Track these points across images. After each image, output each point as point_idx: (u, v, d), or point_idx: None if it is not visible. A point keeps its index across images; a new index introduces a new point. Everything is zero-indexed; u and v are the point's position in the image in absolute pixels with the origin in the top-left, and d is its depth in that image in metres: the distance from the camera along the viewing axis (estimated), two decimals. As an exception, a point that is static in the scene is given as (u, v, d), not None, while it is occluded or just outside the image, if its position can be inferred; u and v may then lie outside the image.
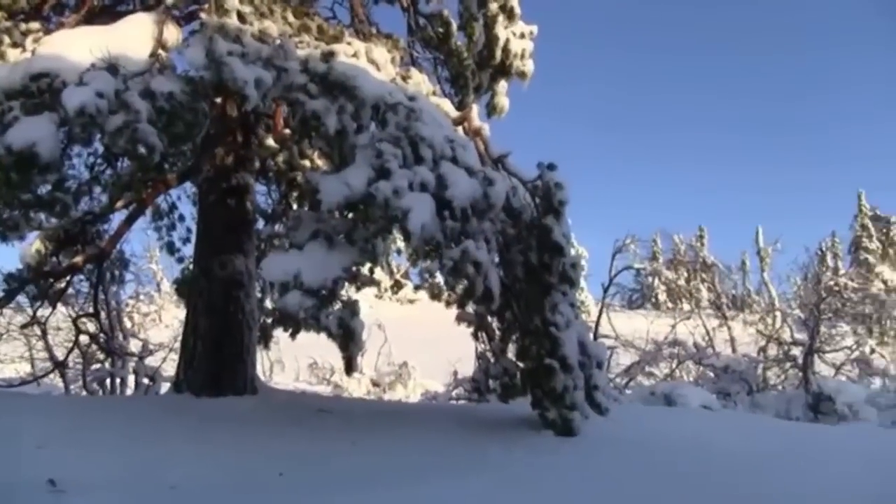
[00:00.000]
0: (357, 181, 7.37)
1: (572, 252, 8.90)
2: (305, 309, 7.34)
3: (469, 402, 14.38)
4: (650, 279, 40.93)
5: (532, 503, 6.44)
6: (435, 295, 9.62)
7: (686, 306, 27.61)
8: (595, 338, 20.42)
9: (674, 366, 21.71)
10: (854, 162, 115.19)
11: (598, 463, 7.72)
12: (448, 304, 9.37)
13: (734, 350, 22.99)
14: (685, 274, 31.39)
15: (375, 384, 24.42)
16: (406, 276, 41.89)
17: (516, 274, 8.81)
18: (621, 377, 21.25)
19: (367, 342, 22.51)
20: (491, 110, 12.39)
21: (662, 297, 47.48)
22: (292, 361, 27.23)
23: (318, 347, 9.06)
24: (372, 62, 8.88)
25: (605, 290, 22.99)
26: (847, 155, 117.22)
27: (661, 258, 40.57)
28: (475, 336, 9.34)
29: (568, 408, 8.43)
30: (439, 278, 8.63)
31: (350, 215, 7.88)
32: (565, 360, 8.31)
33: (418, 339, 28.33)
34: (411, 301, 40.70)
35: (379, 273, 11.95)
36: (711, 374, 20.52)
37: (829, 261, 54.72)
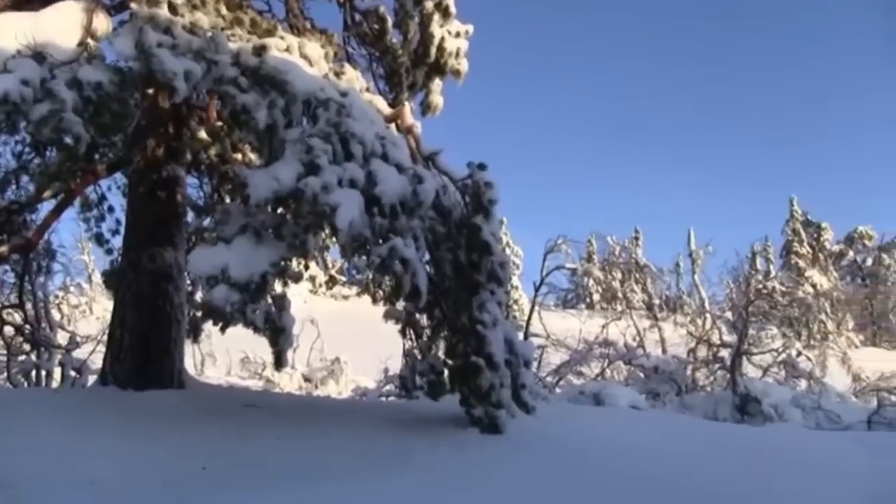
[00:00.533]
0: (286, 176, 7.37)
1: (502, 251, 8.98)
2: (232, 303, 7.31)
3: (399, 398, 14.40)
4: (585, 280, 41.30)
5: (455, 500, 6.50)
6: (363, 291, 9.60)
7: (619, 307, 27.89)
8: (525, 337, 20.51)
9: (604, 366, 21.90)
10: (788, 167, 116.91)
11: (523, 460, 7.78)
12: (375, 300, 9.40)
13: (664, 351, 23.25)
14: (619, 275, 31.74)
15: (307, 379, 24.27)
16: (341, 271, 41.72)
17: (445, 272, 8.87)
18: (551, 376, 21.37)
19: (299, 337, 22.42)
20: (425, 108, 12.42)
21: (597, 297, 48.00)
22: (224, 355, 27.01)
23: (250, 341, 9.05)
24: (305, 57, 8.86)
25: (537, 290, 23.19)
26: (781, 160, 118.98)
27: (596, 259, 40.91)
28: (403, 333, 9.37)
29: (494, 406, 8.50)
30: (369, 275, 8.65)
31: (279, 210, 7.87)
32: (491, 358, 8.37)
33: (353, 335, 28.21)
34: (346, 297, 40.51)
35: (314, 268, 11.90)
36: (641, 375, 20.75)
37: (760, 264, 55.75)
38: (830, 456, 10.70)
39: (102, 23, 8.21)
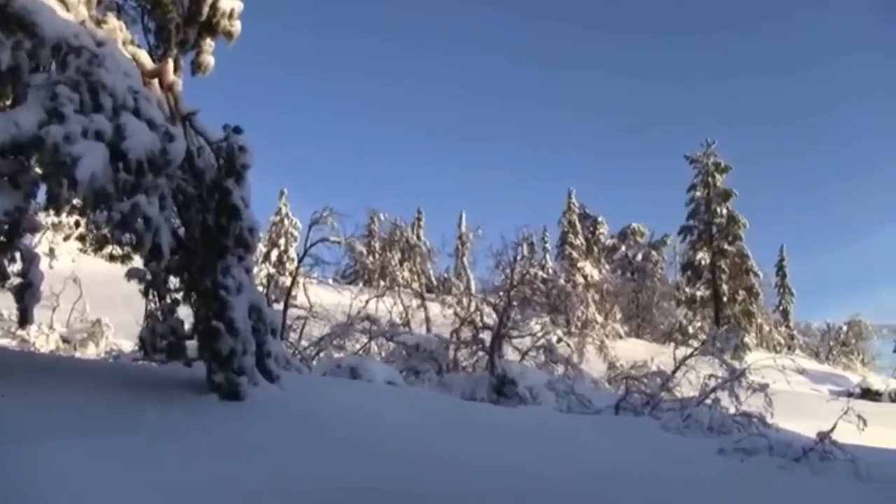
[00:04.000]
0: (27, 122, 7.05)
1: (252, 217, 8.89)
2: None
3: (154, 362, 14.08)
4: (366, 256, 41.51)
5: (176, 461, 6.44)
6: (99, 248, 9.27)
7: (387, 284, 28.18)
8: (286, 307, 20.47)
9: (365, 341, 22.07)
10: (571, 159, 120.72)
11: (256, 428, 7.79)
12: (113, 258, 9.14)
13: (429, 330, 23.72)
14: (398, 254, 32.09)
15: (66, 341, 23.30)
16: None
17: (194, 234, 8.73)
18: (312, 348, 21.38)
19: (59, 297, 21.41)
20: (196, 67, 12.09)
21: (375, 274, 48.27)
22: (-23, 311, 25.66)
23: (6, 297, 8.60)
24: (62, 1, 8.48)
25: (300, 261, 23.26)
26: (564, 152, 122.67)
27: (377, 236, 41.15)
28: (145, 294, 9.16)
29: (235, 372, 8.46)
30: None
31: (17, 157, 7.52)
32: (232, 323, 8.32)
33: (122, 297, 27.34)
34: (114, 257, 38.94)
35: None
36: (404, 352, 21.06)
37: (527, 251, 57.20)
38: (566, 436, 11.24)
39: None
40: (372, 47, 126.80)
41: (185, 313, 9.27)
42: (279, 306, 19.85)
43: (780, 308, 73.75)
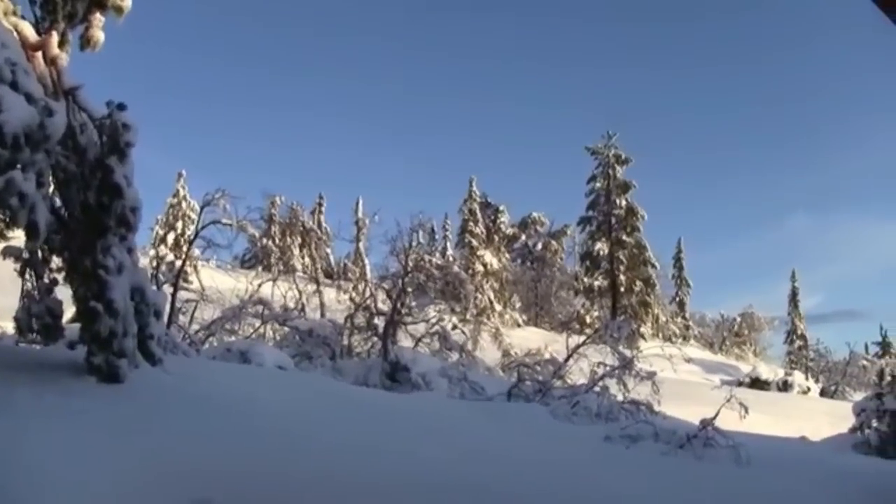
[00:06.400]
0: None
1: (135, 196, 8.68)
2: None
3: (36, 345, 13.73)
4: (265, 241, 41.02)
5: (45, 442, 6.28)
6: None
7: (281, 268, 27.95)
8: (176, 290, 20.05)
9: (260, 325, 21.88)
10: (475, 148, 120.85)
11: (133, 409, 7.68)
12: (-13, 236, 8.86)
13: (323, 315, 23.61)
14: (298, 238, 31.82)
15: (-56, 325, 22.53)
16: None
17: (74, 213, 8.51)
18: (203, 332, 21.04)
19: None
20: (85, 43, 11.77)
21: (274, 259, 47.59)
22: None
23: None
24: (-67, -33, 8.19)
25: (190, 244, 22.81)
26: (468, 140, 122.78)
27: (277, 220, 40.70)
28: (22, 273, 8.90)
29: (115, 354, 8.26)
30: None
31: None
32: (111, 304, 8.12)
33: (12, 279, 26.57)
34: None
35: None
36: (297, 337, 20.93)
37: (425, 238, 56.94)
38: (456, 422, 11.33)
39: None
40: (268, 28, 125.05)
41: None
42: (170, 289, 19.45)
43: (677, 299, 75.20)
